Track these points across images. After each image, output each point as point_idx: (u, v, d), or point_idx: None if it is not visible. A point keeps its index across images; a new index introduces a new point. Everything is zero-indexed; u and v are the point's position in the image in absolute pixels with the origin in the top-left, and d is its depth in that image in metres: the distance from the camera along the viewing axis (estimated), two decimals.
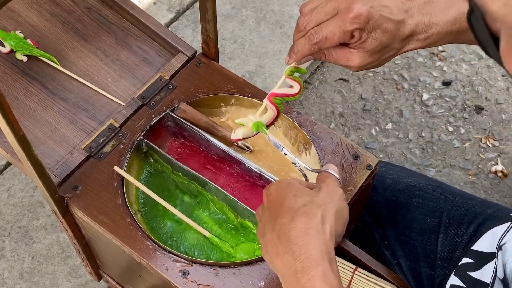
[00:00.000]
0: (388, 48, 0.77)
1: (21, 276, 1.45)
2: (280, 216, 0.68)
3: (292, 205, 0.68)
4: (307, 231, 0.66)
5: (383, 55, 0.78)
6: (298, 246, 0.65)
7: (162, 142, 0.98)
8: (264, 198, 0.73)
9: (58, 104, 0.99)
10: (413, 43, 0.78)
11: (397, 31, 0.76)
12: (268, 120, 0.82)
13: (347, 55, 0.78)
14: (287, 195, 0.70)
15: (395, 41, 0.76)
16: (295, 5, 2.03)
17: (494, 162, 1.82)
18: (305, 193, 0.70)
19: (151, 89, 0.99)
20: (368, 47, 0.76)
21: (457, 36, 0.79)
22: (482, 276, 0.84)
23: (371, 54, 0.77)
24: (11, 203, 1.55)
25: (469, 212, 1.00)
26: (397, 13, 0.76)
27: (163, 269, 0.83)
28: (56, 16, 1.08)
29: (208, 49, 1.03)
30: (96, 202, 0.89)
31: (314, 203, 0.68)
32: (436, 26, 0.77)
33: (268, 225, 0.70)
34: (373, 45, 0.76)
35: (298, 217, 0.67)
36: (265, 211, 0.72)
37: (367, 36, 0.75)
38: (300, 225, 0.66)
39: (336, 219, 0.68)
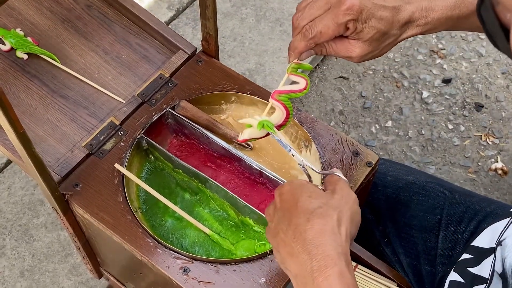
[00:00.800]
0: (386, 35, 0.78)
1: (22, 274, 1.45)
2: (295, 216, 0.68)
3: (307, 206, 0.68)
4: (324, 232, 0.66)
5: (382, 42, 0.78)
6: (314, 246, 0.65)
7: (162, 139, 0.98)
8: (276, 198, 0.72)
9: (59, 102, 1.00)
10: (413, 29, 0.79)
11: (394, 17, 0.76)
12: (278, 120, 0.80)
13: (346, 46, 0.78)
14: (302, 196, 0.69)
15: (393, 27, 0.77)
16: (294, 3, 2.03)
17: (494, 160, 1.82)
18: (320, 195, 0.70)
19: (151, 87, 0.99)
20: (366, 37, 0.76)
21: (456, 23, 0.79)
22: (480, 271, 0.84)
23: (370, 43, 0.77)
24: (12, 201, 1.55)
25: (470, 209, 1.00)
26: (391, 0, 0.76)
27: (164, 266, 0.83)
28: (56, 14, 1.08)
29: (208, 47, 1.03)
30: (97, 200, 0.89)
31: (330, 205, 0.68)
32: (436, 11, 0.77)
33: (281, 225, 0.69)
34: (371, 34, 0.76)
35: (314, 218, 0.67)
36: (278, 211, 0.71)
37: (362, 26, 0.75)
38: (317, 226, 0.66)
39: (351, 221, 0.69)
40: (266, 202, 0.93)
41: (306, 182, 0.73)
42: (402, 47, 2.06)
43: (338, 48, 0.79)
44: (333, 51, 0.80)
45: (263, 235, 0.89)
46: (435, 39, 2.08)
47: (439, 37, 2.09)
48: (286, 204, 0.70)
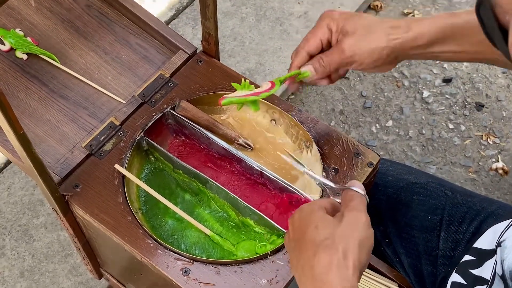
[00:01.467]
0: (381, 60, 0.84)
1: (22, 275, 1.45)
2: (303, 249, 0.68)
3: (314, 237, 0.67)
4: (330, 267, 0.65)
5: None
6: (322, 283, 0.65)
7: (162, 140, 0.98)
8: (289, 226, 0.72)
9: (58, 102, 0.99)
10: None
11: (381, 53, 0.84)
12: None
13: None
14: (309, 227, 0.68)
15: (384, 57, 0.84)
16: (295, 2, 2.02)
17: (495, 159, 1.81)
18: (327, 224, 0.68)
19: (151, 87, 0.99)
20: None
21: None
22: (482, 273, 0.84)
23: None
24: (11, 202, 1.55)
25: (471, 209, 1.00)
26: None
27: (164, 268, 0.83)
28: (56, 14, 1.07)
29: (208, 47, 1.02)
30: (97, 201, 0.89)
31: (336, 235, 0.66)
32: (421, 39, 0.83)
33: (294, 257, 0.69)
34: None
35: (320, 252, 0.66)
36: (291, 241, 0.71)
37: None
38: (323, 260, 0.65)
39: (360, 249, 0.66)
40: (266, 202, 0.93)
41: (318, 207, 0.71)
42: None
43: None
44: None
45: (263, 236, 0.89)
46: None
47: None
48: (297, 234, 0.70)
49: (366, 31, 0.82)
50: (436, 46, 0.83)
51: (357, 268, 0.65)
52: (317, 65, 0.84)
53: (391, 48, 0.82)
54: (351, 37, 0.82)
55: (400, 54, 0.83)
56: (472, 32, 0.81)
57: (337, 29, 0.84)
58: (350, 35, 0.82)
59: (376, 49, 0.81)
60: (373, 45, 0.81)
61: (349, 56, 0.82)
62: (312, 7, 2.02)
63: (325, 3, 2.03)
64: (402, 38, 0.81)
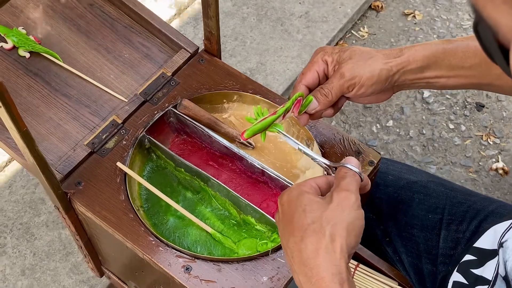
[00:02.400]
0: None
1: (23, 273, 1.46)
2: (291, 234, 0.67)
3: (302, 222, 0.67)
4: (317, 251, 0.64)
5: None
6: (309, 269, 0.65)
7: (164, 138, 0.98)
8: (279, 207, 0.72)
9: (61, 100, 1.00)
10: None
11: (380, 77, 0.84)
12: None
13: None
14: (297, 210, 0.68)
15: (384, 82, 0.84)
16: (296, 2, 2.03)
17: (495, 160, 1.82)
18: (314, 207, 0.67)
19: (153, 86, 0.99)
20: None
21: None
22: (483, 273, 0.84)
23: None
24: (13, 200, 1.55)
25: (471, 208, 1.00)
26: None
27: (166, 265, 0.83)
28: (59, 12, 1.08)
29: (210, 46, 1.03)
30: (99, 198, 0.89)
31: (323, 219, 0.66)
32: (413, 63, 0.83)
33: (284, 238, 0.69)
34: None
35: (307, 236, 0.65)
36: (279, 223, 0.71)
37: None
38: (310, 245, 0.65)
39: (348, 232, 0.66)
40: (268, 201, 0.93)
41: (306, 188, 0.70)
42: None
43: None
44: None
45: (265, 233, 0.89)
46: (436, 39, 2.09)
47: (440, 37, 2.09)
48: (285, 217, 0.69)
49: (362, 56, 0.83)
50: (429, 71, 0.83)
51: (345, 251, 0.65)
52: (318, 95, 0.83)
53: (388, 70, 0.82)
54: (348, 62, 0.82)
55: (397, 80, 0.83)
56: (465, 56, 0.82)
57: (333, 61, 0.84)
58: (348, 61, 0.83)
59: (375, 70, 0.81)
60: (372, 67, 0.82)
61: (349, 79, 0.82)
62: (313, 7, 2.02)
63: (326, 3, 2.04)
64: (395, 61, 0.82)
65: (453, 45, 0.83)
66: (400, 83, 0.84)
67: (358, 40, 2.08)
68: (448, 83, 0.84)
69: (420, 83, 0.85)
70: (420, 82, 0.85)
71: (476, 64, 0.82)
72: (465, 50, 0.82)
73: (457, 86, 0.85)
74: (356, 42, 2.07)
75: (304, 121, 0.85)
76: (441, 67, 0.83)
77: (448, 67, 0.82)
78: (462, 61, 0.82)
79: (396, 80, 0.84)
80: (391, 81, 0.83)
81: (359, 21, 2.13)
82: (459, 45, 0.83)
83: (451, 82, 0.84)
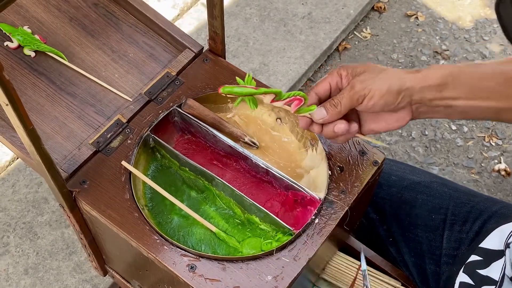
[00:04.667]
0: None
1: (26, 272, 1.46)
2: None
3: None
4: None
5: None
6: None
7: (169, 137, 0.98)
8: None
9: (66, 99, 1.00)
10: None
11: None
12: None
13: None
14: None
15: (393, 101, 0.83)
16: (298, 3, 2.03)
17: (497, 161, 1.82)
18: None
19: (158, 85, 1.00)
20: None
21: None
22: (489, 273, 0.84)
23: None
24: (16, 199, 1.56)
25: (474, 209, 1.01)
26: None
27: (170, 263, 0.84)
28: (64, 11, 1.08)
29: (215, 45, 1.03)
30: (104, 197, 0.89)
31: None
32: (429, 79, 0.82)
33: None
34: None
35: None
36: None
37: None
38: None
39: None
40: (272, 200, 0.93)
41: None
42: (406, 48, 2.06)
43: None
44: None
45: (269, 233, 0.89)
46: (438, 40, 2.09)
47: (443, 38, 2.09)
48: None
49: (375, 70, 0.82)
50: (447, 90, 0.80)
51: None
52: (327, 105, 0.82)
53: (400, 84, 0.80)
54: (361, 76, 0.82)
55: (414, 98, 0.81)
56: (482, 77, 0.80)
57: (347, 74, 0.83)
58: (360, 74, 0.82)
59: (385, 82, 0.80)
60: (383, 79, 0.80)
61: (359, 90, 0.80)
62: (315, 8, 2.03)
63: (329, 4, 2.04)
64: (410, 77, 0.80)
65: (470, 67, 0.81)
66: (418, 101, 0.81)
67: (361, 41, 2.08)
68: (469, 105, 0.81)
69: (440, 105, 0.82)
70: (439, 102, 0.81)
71: (494, 86, 0.80)
72: (483, 72, 0.81)
73: (478, 111, 0.82)
74: (358, 43, 2.07)
75: (304, 124, 0.85)
76: (459, 86, 0.80)
77: (466, 87, 0.80)
78: (480, 82, 0.80)
79: (412, 99, 0.81)
80: (405, 96, 0.80)
81: (362, 22, 2.13)
82: (477, 67, 0.81)
83: (471, 104, 0.81)
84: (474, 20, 2.15)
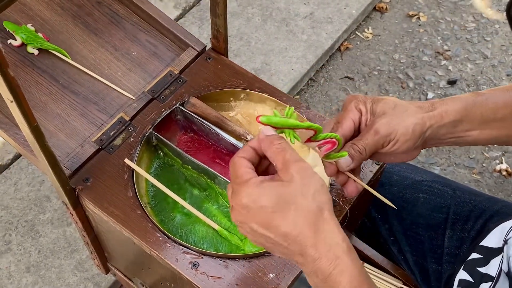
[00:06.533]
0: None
1: (28, 270, 1.46)
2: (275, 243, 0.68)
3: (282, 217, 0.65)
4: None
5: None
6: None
7: (171, 135, 0.99)
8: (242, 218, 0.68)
9: (69, 97, 1.00)
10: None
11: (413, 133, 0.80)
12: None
13: None
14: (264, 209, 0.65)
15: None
16: (301, 3, 2.04)
17: (499, 161, 1.82)
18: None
19: (161, 83, 1.00)
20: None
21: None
22: (488, 270, 0.84)
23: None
24: (18, 197, 1.56)
25: (476, 208, 1.01)
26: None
27: (173, 261, 0.84)
28: (67, 10, 1.08)
29: (217, 44, 1.03)
30: (107, 194, 0.90)
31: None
32: (448, 116, 0.80)
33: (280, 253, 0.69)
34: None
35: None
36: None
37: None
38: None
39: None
40: None
41: (256, 180, 0.66)
42: (407, 48, 2.06)
43: None
44: None
45: None
46: (440, 41, 2.09)
47: (445, 39, 2.09)
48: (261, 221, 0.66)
49: (396, 111, 0.79)
50: (461, 125, 0.80)
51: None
52: (352, 152, 0.78)
53: (422, 125, 0.79)
54: (382, 117, 0.79)
55: (429, 135, 0.80)
56: (496, 107, 0.80)
57: (367, 111, 0.80)
58: (381, 116, 0.79)
59: (409, 126, 0.78)
60: (406, 122, 0.78)
61: (385, 136, 0.78)
62: (317, 8, 2.03)
63: (331, 4, 2.04)
64: (428, 116, 0.79)
65: (483, 97, 0.81)
66: (431, 137, 0.80)
67: (363, 41, 2.08)
68: (480, 136, 0.81)
69: (451, 139, 0.82)
70: (451, 135, 0.81)
71: (507, 115, 0.80)
72: (495, 101, 0.80)
73: (489, 139, 0.82)
74: (360, 43, 2.08)
75: (332, 173, 0.80)
76: (473, 120, 0.80)
77: (480, 120, 0.80)
78: (493, 112, 0.80)
79: (428, 136, 0.80)
80: (423, 137, 0.79)
81: (364, 22, 2.14)
82: (489, 97, 0.81)
83: (483, 135, 0.81)
84: (475, 21, 2.15)
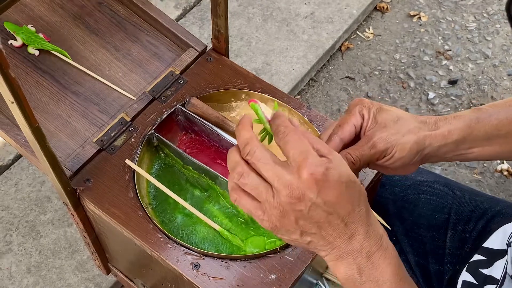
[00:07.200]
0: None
1: (29, 270, 1.46)
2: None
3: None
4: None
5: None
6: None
7: (172, 136, 0.99)
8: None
9: (70, 98, 1.00)
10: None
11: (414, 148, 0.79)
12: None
13: None
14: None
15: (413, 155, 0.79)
16: (301, 3, 2.03)
17: (500, 161, 1.82)
18: None
19: (162, 84, 1.00)
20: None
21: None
22: (491, 272, 0.84)
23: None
24: (19, 198, 1.56)
25: (478, 208, 1.01)
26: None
27: (174, 262, 0.84)
28: (68, 10, 1.08)
29: (218, 44, 1.03)
30: (108, 195, 0.89)
31: None
32: (452, 135, 0.79)
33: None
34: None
35: None
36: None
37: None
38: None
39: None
40: None
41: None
42: (408, 48, 2.06)
43: None
44: None
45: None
46: (441, 41, 2.09)
47: (446, 39, 2.09)
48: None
49: (397, 125, 0.78)
50: (465, 143, 0.79)
51: None
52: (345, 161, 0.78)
53: (420, 144, 0.78)
54: (382, 130, 0.77)
55: (429, 153, 0.79)
56: (500, 123, 0.79)
57: (369, 118, 0.79)
58: (381, 128, 0.78)
59: (407, 143, 0.77)
60: (405, 140, 0.77)
61: (381, 151, 0.77)
62: (318, 8, 2.03)
63: (331, 4, 2.04)
64: (430, 135, 0.78)
65: (486, 114, 0.80)
66: (430, 155, 0.80)
67: (363, 41, 2.08)
68: (482, 153, 0.80)
69: (453, 156, 0.81)
70: (453, 154, 0.80)
71: (510, 133, 0.80)
72: (499, 118, 0.79)
73: (491, 155, 0.81)
74: (361, 43, 2.08)
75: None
76: (477, 138, 0.79)
77: (484, 137, 0.79)
78: (497, 129, 0.79)
79: (427, 153, 0.79)
80: (422, 154, 0.78)
81: (365, 22, 2.13)
82: (492, 113, 0.80)
83: (485, 152, 0.80)
84: (476, 21, 2.15)
